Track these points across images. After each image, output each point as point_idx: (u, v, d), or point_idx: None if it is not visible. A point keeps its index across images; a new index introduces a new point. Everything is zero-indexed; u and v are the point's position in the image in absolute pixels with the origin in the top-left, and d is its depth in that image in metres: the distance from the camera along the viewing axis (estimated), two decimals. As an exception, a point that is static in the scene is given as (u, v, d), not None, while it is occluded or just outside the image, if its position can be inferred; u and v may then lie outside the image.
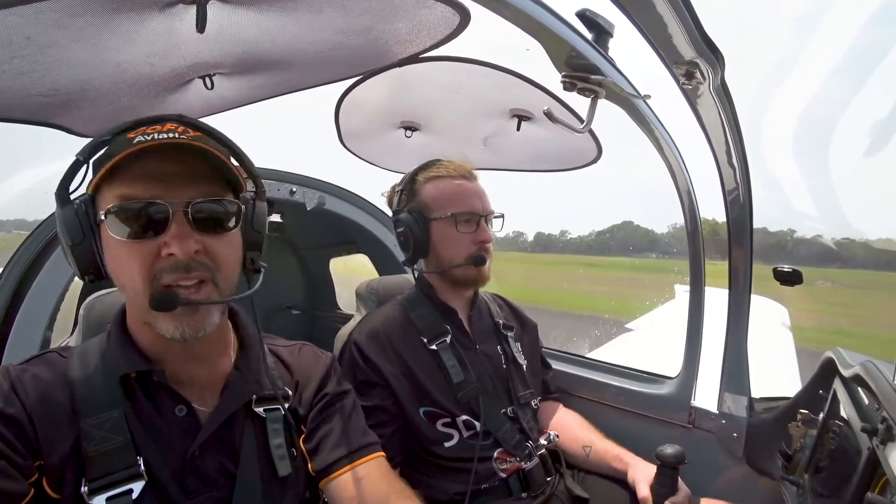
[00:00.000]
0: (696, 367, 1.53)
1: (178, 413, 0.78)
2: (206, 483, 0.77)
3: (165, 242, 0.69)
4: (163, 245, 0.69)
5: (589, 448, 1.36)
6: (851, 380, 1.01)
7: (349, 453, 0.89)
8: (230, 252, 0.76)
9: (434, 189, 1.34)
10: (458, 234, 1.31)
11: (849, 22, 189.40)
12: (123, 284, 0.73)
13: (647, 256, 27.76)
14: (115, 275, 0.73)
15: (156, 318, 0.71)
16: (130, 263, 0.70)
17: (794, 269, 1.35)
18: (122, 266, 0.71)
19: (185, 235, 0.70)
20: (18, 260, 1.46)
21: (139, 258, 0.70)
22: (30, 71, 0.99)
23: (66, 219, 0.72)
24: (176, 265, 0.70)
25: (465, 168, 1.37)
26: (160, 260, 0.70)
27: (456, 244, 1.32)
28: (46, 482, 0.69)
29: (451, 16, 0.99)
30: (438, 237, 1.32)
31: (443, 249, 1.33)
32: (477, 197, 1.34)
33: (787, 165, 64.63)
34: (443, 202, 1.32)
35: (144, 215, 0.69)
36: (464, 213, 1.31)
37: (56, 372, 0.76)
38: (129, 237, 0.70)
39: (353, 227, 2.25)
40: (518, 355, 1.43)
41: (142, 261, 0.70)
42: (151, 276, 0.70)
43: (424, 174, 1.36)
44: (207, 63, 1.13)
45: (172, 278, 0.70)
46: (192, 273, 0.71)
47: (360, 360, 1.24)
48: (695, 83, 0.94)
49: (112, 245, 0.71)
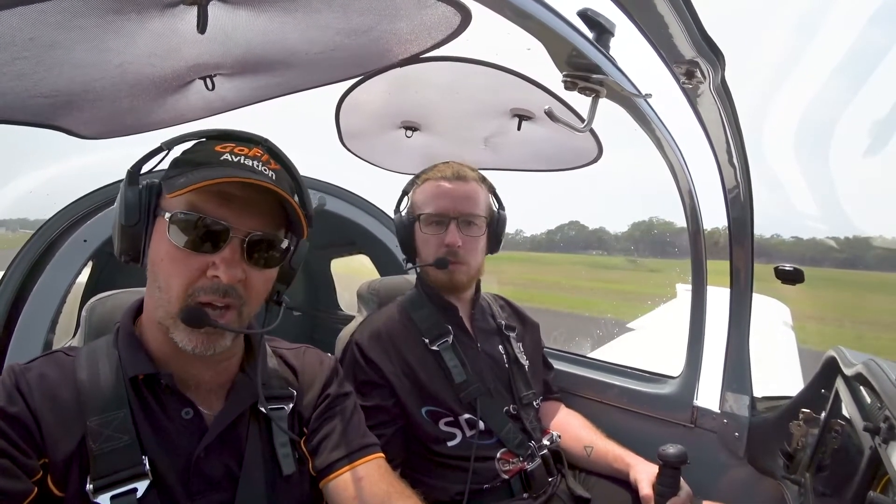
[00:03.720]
0: (698, 367, 1.53)
1: (184, 416, 0.78)
2: (211, 484, 0.78)
3: (214, 263, 0.72)
4: (210, 264, 0.72)
5: (590, 448, 1.36)
6: (853, 378, 1.00)
7: (349, 454, 0.90)
8: (264, 287, 0.80)
9: (420, 190, 1.36)
10: (425, 235, 1.32)
11: (850, 22, 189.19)
12: (160, 285, 0.74)
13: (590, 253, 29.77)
14: (156, 272, 0.75)
15: (176, 327, 0.74)
16: (176, 269, 0.73)
17: (795, 267, 1.35)
18: (166, 268, 0.73)
19: (235, 263, 0.73)
20: (21, 262, 1.47)
21: (186, 269, 0.72)
22: (31, 72, 0.99)
23: (129, 200, 0.74)
24: (216, 288, 0.73)
25: (458, 170, 1.34)
26: (203, 277, 0.73)
27: (425, 245, 1.33)
28: (51, 480, 0.70)
29: (451, 16, 0.99)
30: (418, 238, 1.35)
31: (420, 249, 1.35)
32: (450, 198, 1.30)
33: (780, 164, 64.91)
34: (421, 203, 1.34)
35: (208, 233, 0.72)
36: (432, 215, 1.30)
37: (62, 371, 0.76)
38: (185, 246, 0.72)
39: (353, 227, 2.25)
40: (520, 355, 1.43)
41: (188, 272, 0.72)
42: (190, 290, 0.73)
43: (423, 176, 1.37)
44: (208, 64, 1.13)
45: (208, 298, 0.73)
46: (226, 298, 0.74)
47: (361, 361, 1.24)
48: (695, 82, 0.94)
49: (164, 245, 0.74)
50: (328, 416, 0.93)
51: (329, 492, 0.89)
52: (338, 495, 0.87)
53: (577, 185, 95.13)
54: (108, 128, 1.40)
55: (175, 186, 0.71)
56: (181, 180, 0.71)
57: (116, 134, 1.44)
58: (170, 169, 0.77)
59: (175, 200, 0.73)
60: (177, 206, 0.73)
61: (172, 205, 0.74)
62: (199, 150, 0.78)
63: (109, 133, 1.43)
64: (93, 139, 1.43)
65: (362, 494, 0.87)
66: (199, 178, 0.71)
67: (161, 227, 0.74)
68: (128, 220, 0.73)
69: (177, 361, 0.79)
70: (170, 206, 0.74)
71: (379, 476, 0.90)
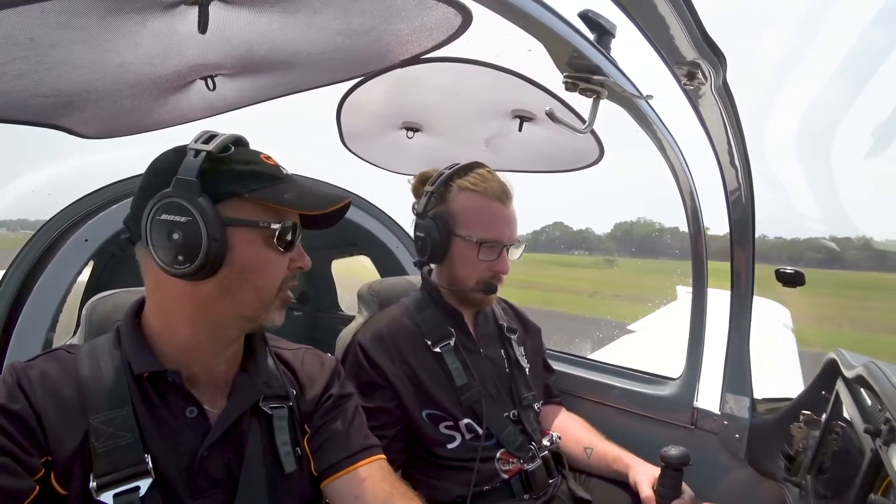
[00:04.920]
0: (698, 368, 1.53)
1: (188, 414, 0.79)
2: (213, 483, 0.78)
3: (293, 258, 0.84)
4: (292, 259, 0.83)
5: (590, 450, 1.36)
6: (854, 381, 1.00)
7: (351, 455, 0.90)
8: None
9: (466, 203, 1.27)
10: (478, 260, 1.27)
11: (852, 22, 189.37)
12: (258, 286, 0.80)
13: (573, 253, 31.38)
14: (248, 276, 0.79)
15: (269, 313, 0.83)
16: (278, 270, 0.82)
17: (796, 270, 1.35)
18: (264, 271, 0.80)
19: (304, 253, 0.86)
20: (21, 262, 1.47)
21: (282, 267, 0.82)
22: (32, 72, 1.00)
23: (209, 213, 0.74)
24: (297, 276, 0.86)
25: (503, 188, 1.29)
26: (287, 271, 0.83)
27: (472, 268, 1.28)
28: (55, 477, 0.70)
29: (452, 17, 0.99)
30: (457, 255, 1.29)
31: (458, 267, 1.30)
32: (507, 225, 1.28)
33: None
34: (471, 222, 1.26)
35: (294, 234, 0.82)
36: (490, 242, 1.26)
37: (64, 368, 0.76)
38: (285, 249, 0.81)
39: (354, 228, 2.25)
40: (521, 359, 1.43)
41: (282, 269, 0.82)
42: (282, 282, 0.83)
43: (460, 181, 1.29)
44: (209, 64, 1.13)
45: (293, 284, 0.85)
46: (296, 282, 0.87)
47: (364, 362, 1.24)
48: (696, 84, 0.94)
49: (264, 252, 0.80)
50: (330, 417, 0.93)
51: (330, 493, 0.89)
52: (339, 496, 0.88)
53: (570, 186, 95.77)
54: (109, 127, 1.40)
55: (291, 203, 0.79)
56: (289, 196, 0.79)
57: (118, 134, 1.45)
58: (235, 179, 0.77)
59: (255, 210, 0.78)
60: (262, 216, 0.78)
61: (255, 214, 0.78)
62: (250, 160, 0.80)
63: (111, 133, 1.43)
64: (94, 139, 1.43)
65: (364, 495, 0.87)
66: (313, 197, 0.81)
67: (249, 235, 0.78)
68: (216, 232, 0.74)
69: (197, 358, 0.81)
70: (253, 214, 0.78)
71: (381, 477, 0.90)
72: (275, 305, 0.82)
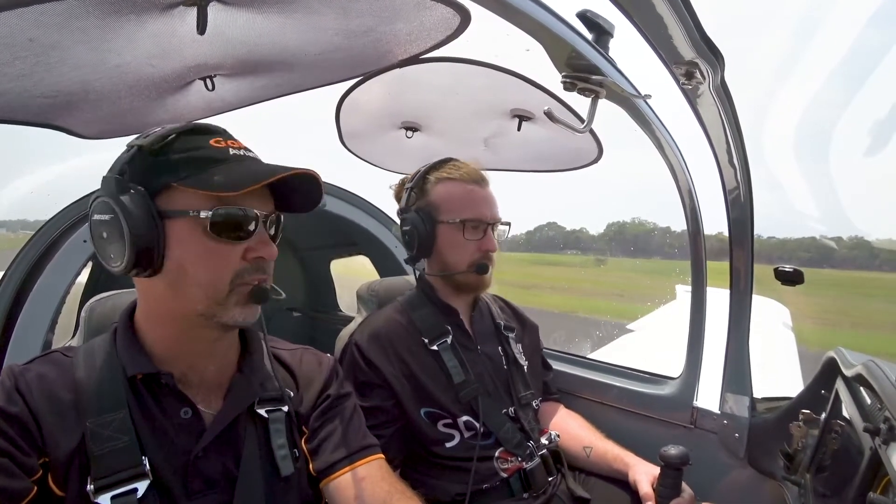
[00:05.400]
0: (698, 368, 1.53)
1: (183, 415, 0.78)
2: (210, 484, 0.77)
3: (251, 248, 0.77)
4: (247, 249, 0.77)
5: (589, 448, 1.36)
6: (854, 379, 1.00)
7: (349, 454, 0.90)
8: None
9: (444, 191, 1.32)
10: (465, 240, 1.30)
11: (849, 23, 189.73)
12: (199, 282, 0.75)
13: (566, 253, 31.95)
14: (190, 272, 0.75)
15: (224, 309, 0.76)
16: (221, 262, 0.76)
17: (795, 268, 1.35)
18: (205, 264, 0.75)
19: (267, 242, 0.79)
20: (20, 262, 1.47)
21: (227, 258, 0.76)
22: (31, 73, 1.00)
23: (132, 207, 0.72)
24: (259, 267, 0.78)
25: (477, 172, 1.35)
26: (244, 262, 0.77)
27: (461, 250, 1.31)
28: (52, 479, 0.70)
29: (451, 17, 0.99)
30: (444, 241, 1.32)
31: (447, 254, 1.33)
32: (486, 204, 1.33)
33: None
34: (452, 206, 1.31)
35: (244, 221, 0.76)
36: (472, 220, 1.30)
37: (61, 371, 0.76)
38: (227, 238, 0.75)
39: (353, 228, 2.25)
40: (519, 356, 1.43)
41: (230, 261, 0.76)
42: (235, 276, 0.76)
43: (436, 174, 1.34)
44: (208, 64, 1.13)
45: (257, 277, 0.78)
46: (265, 274, 0.79)
47: (360, 362, 1.24)
48: (695, 83, 0.94)
49: (200, 245, 0.74)
50: (328, 417, 0.93)
51: (330, 492, 0.89)
52: (339, 495, 0.87)
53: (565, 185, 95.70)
54: (108, 128, 1.40)
55: (217, 186, 0.72)
56: (217, 178, 0.73)
57: (117, 134, 1.44)
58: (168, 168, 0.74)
59: (190, 199, 0.73)
60: (198, 204, 0.73)
61: (190, 203, 0.73)
62: (192, 146, 0.75)
63: (110, 133, 1.43)
64: (93, 139, 1.43)
65: (363, 495, 0.87)
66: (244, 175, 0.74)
67: (185, 227, 0.73)
68: (139, 228, 0.71)
69: (186, 357, 0.80)
70: (186, 204, 0.73)
71: (380, 476, 0.90)
72: (233, 301, 0.76)
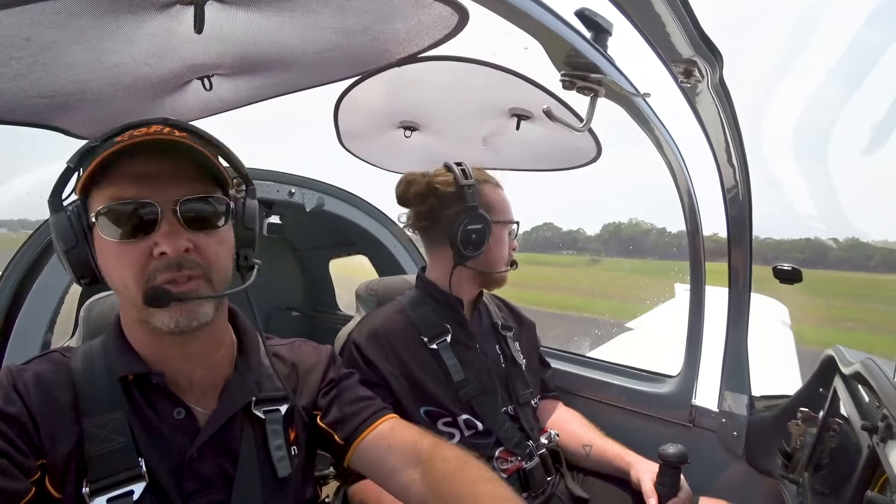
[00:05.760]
0: (696, 366, 1.54)
1: (176, 416, 0.78)
2: (205, 485, 0.77)
3: (156, 242, 0.70)
4: (154, 245, 0.70)
5: (589, 447, 1.36)
6: (852, 377, 1.01)
7: (371, 415, 0.92)
8: (221, 249, 0.76)
9: (495, 194, 1.39)
10: (508, 240, 1.40)
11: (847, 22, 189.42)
12: (117, 286, 0.73)
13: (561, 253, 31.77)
14: (109, 276, 0.74)
15: (151, 314, 0.72)
16: (123, 264, 0.71)
17: (793, 267, 1.35)
18: (115, 267, 0.72)
19: (176, 234, 0.70)
20: (18, 262, 1.46)
21: (131, 258, 0.70)
22: (27, 73, 0.99)
23: (59, 224, 0.73)
24: (168, 264, 0.70)
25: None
26: (152, 260, 0.70)
27: (504, 248, 1.39)
28: (49, 481, 0.69)
29: (449, 15, 0.98)
30: (495, 240, 1.36)
31: (495, 251, 1.37)
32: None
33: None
34: (502, 207, 1.39)
35: (135, 216, 0.70)
36: (512, 221, 1.41)
37: (59, 371, 0.76)
38: (121, 238, 0.70)
39: (352, 228, 2.25)
40: (517, 355, 1.43)
41: (134, 261, 0.70)
42: (145, 277, 0.70)
43: (477, 175, 1.38)
44: (205, 64, 1.13)
45: (165, 277, 0.70)
46: (183, 271, 0.71)
47: (359, 361, 1.24)
48: (693, 81, 0.94)
49: (104, 247, 0.72)
50: (337, 392, 0.94)
51: (362, 452, 0.89)
52: (371, 451, 0.88)
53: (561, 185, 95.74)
54: (105, 128, 1.37)
55: (81, 182, 0.70)
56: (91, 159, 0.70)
57: (114, 134, 1.44)
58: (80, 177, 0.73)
59: (96, 202, 0.72)
60: (99, 204, 0.71)
61: (96, 207, 0.72)
62: (101, 148, 0.73)
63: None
64: (90, 139, 1.43)
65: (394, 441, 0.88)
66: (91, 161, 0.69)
67: (97, 234, 0.73)
68: (66, 244, 0.72)
69: (168, 360, 0.79)
70: (94, 209, 0.72)
71: (406, 426, 0.92)
72: (145, 302, 0.70)
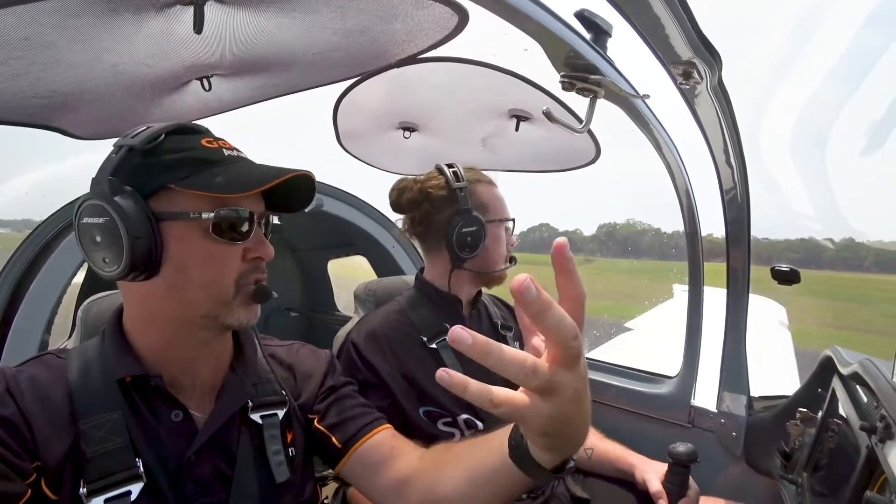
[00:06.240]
0: (695, 367, 1.54)
1: (174, 418, 0.77)
2: (203, 487, 0.77)
3: (249, 248, 0.77)
4: (247, 249, 0.77)
5: (591, 450, 1.36)
6: (850, 378, 1.01)
7: (376, 419, 0.93)
8: None
9: (488, 193, 1.38)
10: (505, 236, 1.39)
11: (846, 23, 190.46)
12: (202, 283, 0.74)
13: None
14: (192, 274, 0.74)
15: (231, 310, 0.76)
16: (224, 263, 0.75)
17: (791, 268, 1.36)
18: (207, 265, 0.75)
19: (264, 242, 0.79)
20: (16, 262, 1.46)
21: (233, 259, 0.76)
22: (26, 73, 0.99)
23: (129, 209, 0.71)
24: (258, 267, 0.79)
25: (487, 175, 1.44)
26: (244, 262, 0.77)
27: (502, 247, 1.39)
28: (45, 483, 0.69)
29: (448, 16, 0.99)
30: (491, 239, 1.36)
31: (493, 251, 1.37)
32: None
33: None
34: (498, 207, 1.38)
35: (239, 223, 0.76)
36: (507, 219, 1.40)
37: (54, 373, 0.75)
38: (229, 240, 0.75)
39: (351, 228, 2.25)
40: None
41: (235, 262, 0.76)
42: (237, 276, 0.76)
43: (469, 175, 1.37)
44: (205, 64, 1.13)
45: (258, 276, 0.79)
46: (265, 273, 0.80)
47: (357, 361, 1.23)
48: (692, 83, 0.95)
49: (202, 246, 0.74)
50: (336, 398, 0.94)
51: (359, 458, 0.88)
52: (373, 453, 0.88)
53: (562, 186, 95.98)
54: (104, 128, 1.39)
55: (220, 187, 0.72)
56: (219, 180, 0.72)
57: (113, 134, 1.41)
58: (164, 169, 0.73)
59: (189, 200, 0.72)
60: (198, 205, 0.73)
61: (189, 204, 0.72)
62: (186, 146, 0.75)
63: (106, 133, 1.43)
64: (89, 140, 1.42)
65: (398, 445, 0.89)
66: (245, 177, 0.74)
67: (184, 228, 0.73)
68: (137, 230, 0.70)
69: (178, 360, 0.79)
70: (186, 205, 0.72)
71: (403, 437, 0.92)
72: (237, 302, 0.76)
